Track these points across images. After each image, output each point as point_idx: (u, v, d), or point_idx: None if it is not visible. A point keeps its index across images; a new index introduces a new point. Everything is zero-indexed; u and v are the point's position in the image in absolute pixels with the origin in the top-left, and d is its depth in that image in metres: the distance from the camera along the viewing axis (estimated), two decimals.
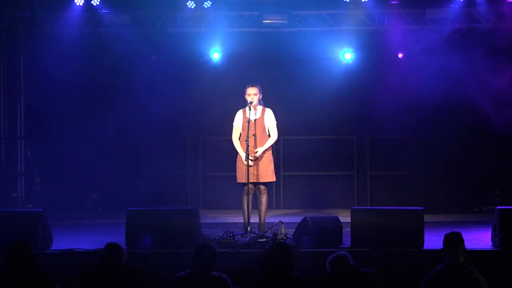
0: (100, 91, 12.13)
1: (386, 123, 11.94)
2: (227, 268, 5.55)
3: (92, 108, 12.04)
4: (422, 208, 7.70)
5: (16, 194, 11.61)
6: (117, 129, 11.87)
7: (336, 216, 8.03)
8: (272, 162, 8.58)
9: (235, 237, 7.74)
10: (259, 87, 8.57)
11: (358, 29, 11.48)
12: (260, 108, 8.60)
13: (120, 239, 6.96)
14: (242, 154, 8.42)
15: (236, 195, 9.12)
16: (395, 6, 11.18)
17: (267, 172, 8.49)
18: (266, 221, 8.61)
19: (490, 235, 7.82)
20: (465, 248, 5.26)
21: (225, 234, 7.72)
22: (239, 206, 8.63)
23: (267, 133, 8.57)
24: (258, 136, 8.45)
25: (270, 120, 8.57)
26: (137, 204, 8.34)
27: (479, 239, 8.09)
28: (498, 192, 11.52)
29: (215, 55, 11.87)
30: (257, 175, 8.42)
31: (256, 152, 8.39)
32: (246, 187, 8.34)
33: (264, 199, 8.57)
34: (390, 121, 11.85)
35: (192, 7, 11.21)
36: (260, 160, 8.43)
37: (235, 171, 8.63)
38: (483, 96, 11.49)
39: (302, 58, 12.04)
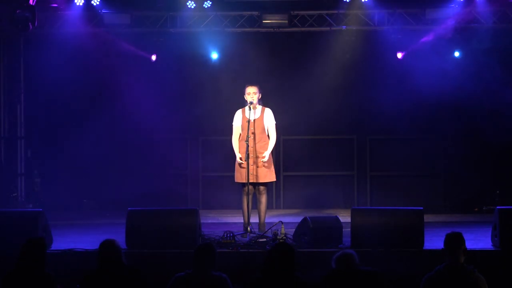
0: (99, 91, 12.14)
1: (386, 123, 11.95)
2: (227, 268, 5.55)
3: (92, 108, 12.04)
4: (422, 208, 7.70)
5: (16, 194, 11.61)
6: (117, 129, 11.90)
7: (336, 216, 8.03)
8: (272, 162, 8.57)
9: (235, 237, 7.76)
10: (259, 86, 8.55)
11: (358, 29, 11.49)
12: (259, 107, 8.58)
13: (120, 239, 6.95)
14: (238, 155, 8.44)
15: (236, 195, 9.12)
16: (395, 5, 11.18)
17: (266, 172, 8.47)
18: (266, 221, 8.61)
19: (490, 235, 7.82)
20: (466, 248, 5.25)
21: (225, 234, 7.73)
22: (239, 206, 8.63)
23: (266, 133, 8.56)
24: (257, 136, 8.44)
25: (269, 120, 8.56)
26: (137, 204, 8.34)
27: (479, 239, 8.08)
28: (498, 192, 11.51)
29: (214, 55, 11.95)
30: (257, 176, 8.41)
31: (264, 157, 8.36)
32: (246, 187, 8.34)
33: (263, 199, 8.55)
34: (390, 121, 11.85)
35: (192, 7, 11.20)
36: (259, 160, 8.42)
37: (234, 171, 8.62)
38: (483, 96, 11.49)
39: (302, 58, 12.06)
